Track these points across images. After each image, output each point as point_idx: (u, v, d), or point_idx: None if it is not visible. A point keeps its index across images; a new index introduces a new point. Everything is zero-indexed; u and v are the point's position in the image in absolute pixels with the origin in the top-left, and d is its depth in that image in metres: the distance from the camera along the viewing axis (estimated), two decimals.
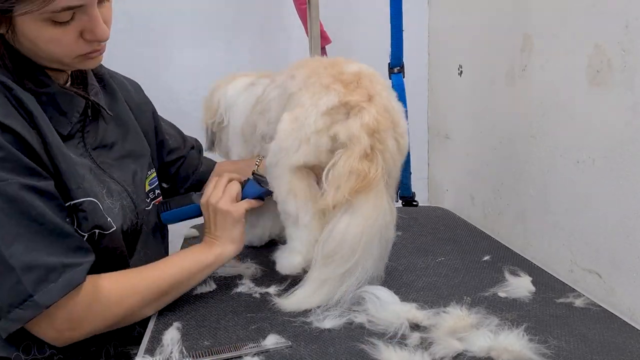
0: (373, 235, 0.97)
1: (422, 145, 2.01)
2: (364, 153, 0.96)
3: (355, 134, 0.96)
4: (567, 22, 1.18)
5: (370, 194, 0.96)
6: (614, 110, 1.05)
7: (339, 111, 0.99)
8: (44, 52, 0.89)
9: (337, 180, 0.96)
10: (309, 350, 0.85)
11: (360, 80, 1.01)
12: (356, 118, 0.97)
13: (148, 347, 0.88)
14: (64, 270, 0.84)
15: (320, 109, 0.98)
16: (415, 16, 1.92)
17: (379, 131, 0.98)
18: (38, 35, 0.86)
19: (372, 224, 0.96)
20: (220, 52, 1.85)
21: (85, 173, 0.96)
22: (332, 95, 0.99)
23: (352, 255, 0.95)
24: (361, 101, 0.98)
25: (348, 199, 0.95)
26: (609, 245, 1.09)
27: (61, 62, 0.92)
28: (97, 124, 1.04)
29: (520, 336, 0.83)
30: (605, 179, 1.09)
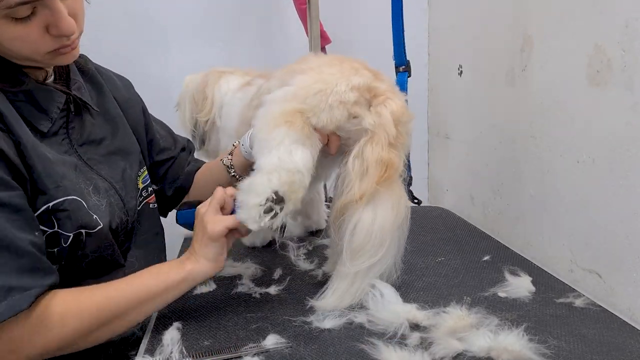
0: (398, 225, 0.96)
1: (422, 145, 2.02)
2: (389, 142, 0.96)
3: (384, 122, 0.95)
4: (567, 22, 1.18)
5: (394, 184, 0.96)
6: (614, 110, 1.05)
7: (365, 95, 0.97)
8: (10, 51, 0.85)
9: (364, 169, 0.94)
10: (309, 350, 0.85)
11: (377, 74, 1.01)
12: (384, 106, 0.96)
13: (148, 347, 0.88)
14: (8, 294, 0.77)
15: (353, 82, 0.96)
16: (415, 16, 1.92)
17: (402, 123, 0.97)
18: (1, 35, 0.82)
19: (397, 214, 0.96)
20: (220, 52, 1.85)
21: (66, 171, 0.92)
22: (363, 77, 0.97)
23: (381, 247, 0.94)
24: (388, 90, 0.98)
25: (376, 188, 0.94)
26: (609, 245, 1.09)
27: (32, 60, 0.88)
28: (81, 119, 1.00)
29: (520, 336, 0.83)
30: (605, 179, 1.09)
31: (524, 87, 1.36)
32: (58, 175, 0.89)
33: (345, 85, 0.95)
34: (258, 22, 1.87)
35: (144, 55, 1.80)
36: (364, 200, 0.94)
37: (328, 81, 0.96)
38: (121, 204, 1.02)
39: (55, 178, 0.88)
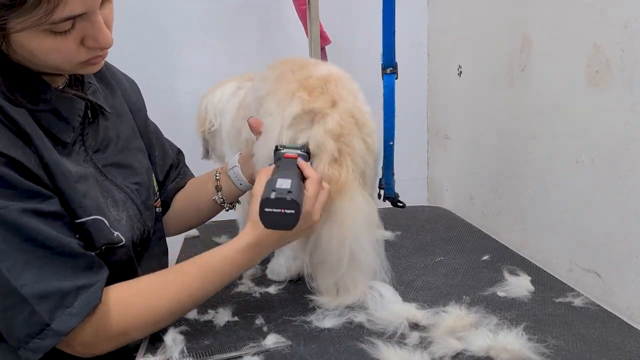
0: (356, 237, 0.97)
1: (422, 145, 2.02)
2: (332, 158, 0.98)
3: (320, 140, 0.98)
4: (566, 22, 1.18)
5: (345, 197, 0.98)
6: (614, 110, 1.06)
7: (304, 119, 1.00)
8: (42, 62, 0.83)
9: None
10: (309, 349, 0.85)
11: (326, 84, 1.03)
12: (319, 125, 0.99)
13: (149, 347, 0.88)
14: (78, 293, 0.81)
15: (286, 121, 1.00)
16: (415, 16, 1.92)
17: (343, 135, 1.00)
18: (37, 47, 0.80)
19: (351, 226, 0.97)
20: (221, 52, 1.85)
21: (87, 189, 0.90)
22: (296, 104, 1.00)
23: (341, 261, 0.97)
24: (324, 108, 1.00)
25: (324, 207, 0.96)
26: (609, 245, 1.09)
27: (60, 70, 0.87)
28: (96, 124, 0.99)
29: (519, 335, 0.83)
30: (605, 179, 1.09)
31: (524, 87, 1.36)
32: (80, 194, 0.88)
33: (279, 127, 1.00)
34: (258, 23, 1.87)
35: (143, 55, 1.80)
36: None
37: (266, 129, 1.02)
38: (138, 214, 1.01)
39: (78, 197, 0.87)
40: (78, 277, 0.82)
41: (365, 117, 1.05)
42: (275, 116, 1.01)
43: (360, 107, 1.05)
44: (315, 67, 1.07)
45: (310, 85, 1.02)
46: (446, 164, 1.91)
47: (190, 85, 1.80)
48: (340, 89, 1.04)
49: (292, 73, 1.05)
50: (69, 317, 0.79)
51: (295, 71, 1.05)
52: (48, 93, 0.88)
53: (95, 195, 0.91)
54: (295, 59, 1.13)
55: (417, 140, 2.00)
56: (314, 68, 1.06)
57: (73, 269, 0.82)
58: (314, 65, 1.08)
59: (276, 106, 1.02)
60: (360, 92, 1.08)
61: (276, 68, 1.10)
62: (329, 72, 1.06)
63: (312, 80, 1.03)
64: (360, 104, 1.05)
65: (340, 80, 1.06)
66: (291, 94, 1.02)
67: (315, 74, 1.05)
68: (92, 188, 0.91)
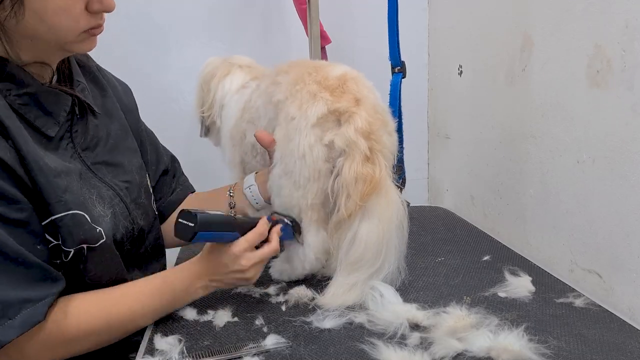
0: (392, 233, 0.99)
1: (422, 145, 2.01)
2: (364, 156, 0.99)
3: (352, 139, 0.98)
4: (567, 22, 1.18)
5: (380, 194, 0.99)
6: (614, 110, 1.05)
7: (329, 119, 1.00)
8: (50, 27, 0.84)
9: (346, 189, 0.98)
10: (309, 350, 0.85)
11: (345, 84, 1.03)
12: (349, 124, 0.99)
13: (148, 348, 0.88)
14: (22, 307, 0.79)
15: (310, 120, 1.00)
16: (415, 16, 1.92)
17: (373, 132, 1.00)
18: (48, 6, 0.82)
19: (390, 223, 0.99)
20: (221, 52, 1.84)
21: (69, 182, 0.89)
22: (320, 104, 1.00)
23: (377, 258, 0.98)
24: (350, 106, 1.00)
25: (361, 205, 0.98)
26: (609, 245, 1.09)
27: (63, 41, 0.88)
28: (85, 122, 0.98)
29: (520, 336, 0.83)
30: (605, 179, 1.09)
31: (524, 87, 1.36)
32: (60, 189, 0.87)
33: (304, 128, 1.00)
34: (258, 22, 1.87)
35: (143, 55, 1.80)
36: (354, 216, 0.98)
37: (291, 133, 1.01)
38: (126, 212, 1.00)
39: (57, 192, 0.86)
40: (27, 288, 0.80)
41: (387, 115, 1.06)
42: (299, 119, 1.00)
43: (381, 104, 1.06)
44: (331, 68, 1.07)
45: (330, 85, 1.02)
46: (446, 163, 1.91)
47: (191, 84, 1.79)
48: (361, 87, 1.04)
49: (309, 75, 1.04)
50: (8, 328, 0.78)
51: (312, 73, 1.05)
52: (32, 85, 0.89)
53: (77, 190, 0.90)
54: (306, 61, 1.14)
55: (417, 140, 1.99)
56: (329, 69, 1.06)
57: (24, 279, 0.80)
58: (329, 67, 1.07)
59: (298, 109, 1.01)
60: (375, 89, 1.09)
61: (289, 72, 1.08)
62: (344, 71, 1.06)
63: (330, 80, 1.03)
64: (380, 101, 1.06)
65: (358, 78, 1.06)
66: (312, 96, 1.01)
67: (332, 74, 1.04)
68: (74, 183, 0.90)
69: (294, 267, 1.09)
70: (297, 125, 1.00)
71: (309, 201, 1.02)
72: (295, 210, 1.04)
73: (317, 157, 1.00)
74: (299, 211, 1.04)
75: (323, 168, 1.01)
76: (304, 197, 1.02)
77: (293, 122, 1.01)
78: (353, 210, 0.98)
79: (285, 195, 1.04)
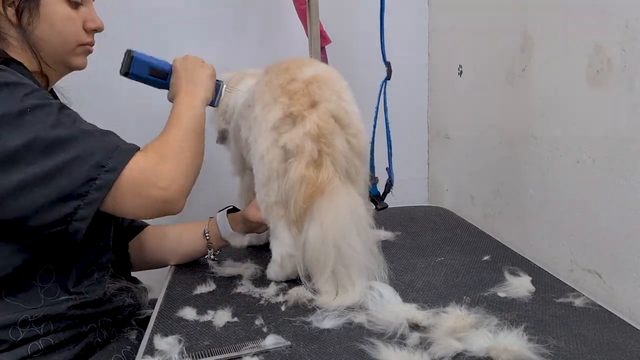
0: (340, 234, 0.98)
1: (422, 145, 2.01)
2: (311, 159, 1.00)
3: (298, 142, 1.01)
4: (567, 22, 1.18)
5: (324, 197, 0.99)
6: (614, 110, 1.05)
7: (286, 122, 1.03)
8: (59, 33, 1.01)
9: (292, 191, 1.00)
10: (309, 350, 0.85)
11: (308, 86, 1.05)
12: (298, 127, 1.02)
13: (148, 348, 0.88)
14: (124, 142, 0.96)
15: (269, 124, 1.04)
16: (415, 16, 1.92)
17: (324, 135, 1.01)
18: (59, 14, 1.01)
19: (332, 224, 0.98)
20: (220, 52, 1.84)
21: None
22: (277, 109, 1.04)
23: (326, 259, 0.98)
24: (302, 110, 1.02)
25: (305, 207, 0.99)
26: (609, 245, 1.09)
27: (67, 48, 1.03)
28: None
29: (519, 336, 0.83)
30: (605, 179, 1.09)
31: (524, 87, 1.36)
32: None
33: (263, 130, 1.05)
34: (258, 22, 1.87)
35: None
36: (302, 219, 1.00)
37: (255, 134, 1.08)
38: None
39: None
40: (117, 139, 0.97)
41: (350, 118, 1.06)
42: (261, 121, 1.06)
43: (345, 107, 1.06)
44: (302, 69, 1.08)
45: (292, 89, 1.05)
46: (446, 163, 1.91)
47: None
48: (324, 90, 1.05)
49: (276, 77, 1.08)
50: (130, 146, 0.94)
51: (280, 75, 1.08)
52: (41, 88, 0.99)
53: None
54: (286, 60, 1.14)
55: (417, 140, 1.99)
56: (299, 70, 1.08)
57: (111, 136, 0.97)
58: (300, 68, 1.09)
59: (261, 111, 1.06)
60: (347, 91, 1.09)
61: (268, 72, 1.12)
62: (314, 73, 1.08)
63: (294, 84, 1.05)
64: (344, 104, 1.06)
65: (324, 80, 1.07)
66: (274, 100, 1.05)
67: (300, 77, 1.06)
68: None
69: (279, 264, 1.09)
70: (259, 127, 1.06)
71: (273, 199, 1.05)
72: (263, 205, 1.08)
73: (272, 159, 1.03)
74: (265, 207, 1.07)
75: (280, 169, 1.03)
76: (267, 195, 1.06)
77: (256, 122, 1.07)
78: (300, 213, 1.00)
79: (257, 191, 1.10)
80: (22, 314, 0.92)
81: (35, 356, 0.93)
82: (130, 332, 1.09)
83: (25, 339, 0.92)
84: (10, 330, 0.91)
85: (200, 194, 1.32)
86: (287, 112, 1.03)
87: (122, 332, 1.09)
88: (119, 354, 1.04)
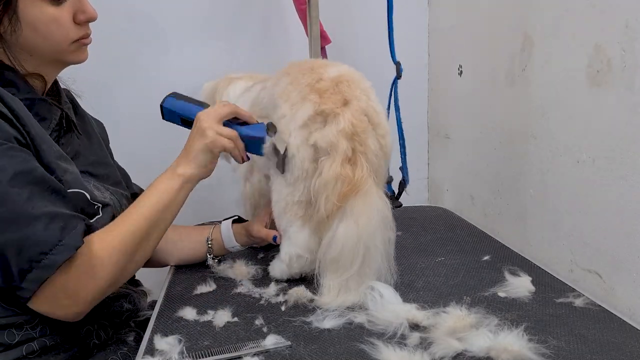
0: (371, 235, 0.98)
1: (422, 145, 2.01)
2: (345, 157, 0.99)
3: (332, 140, 1.00)
4: (567, 22, 1.18)
5: (358, 196, 0.99)
6: (614, 110, 1.05)
7: (316, 120, 1.02)
8: (44, 38, 0.94)
9: (325, 189, 0.99)
10: (309, 350, 0.85)
11: (337, 85, 1.04)
12: (332, 125, 1.01)
13: (148, 348, 0.88)
14: (77, 221, 0.89)
15: (298, 122, 1.02)
16: (415, 16, 1.92)
17: (357, 134, 1.01)
18: (40, 17, 0.93)
19: (367, 225, 0.98)
20: (221, 52, 1.85)
21: (68, 166, 0.96)
22: (307, 106, 1.02)
23: (355, 259, 0.97)
24: (335, 107, 1.01)
25: (339, 206, 0.98)
26: (609, 245, 1.09)
27: (58, 50, 0.97)
28: (70, 136, 1.05)
29: (519, 336, 0.83)
30: (605, 179, 1.09)
31: (524, 87, 1.36)
32: (61, 170, 0.93)
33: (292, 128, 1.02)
34: (258, 22, 1.87)
35: (143, 55, 1.80)
36: (333, 217, 0.99)
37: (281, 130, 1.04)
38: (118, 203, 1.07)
39: (58, 172, 0.93)
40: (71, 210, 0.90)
41: (380, 118, 1.06)
42: (289, 119, 1.03)
43: (374, 107, 1.06)
44: (326, 69, 1.07)
45: (321, 87, 1.03)
46: (446, 163, 1.91)
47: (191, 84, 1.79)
48: (353, 88, 1.04)
49: (302, 76, 1.06)
50: (76, 235, 0.87)
51: (306, 74, 1.06)
52: (31, 93, 0.97)
53: (77, 172, 0.97)
54: (306, 61, 1.15)
55: (418, 140, 1.99)
56: (324, 70, 1.07)
57: (66, 204, 0.90)
58: (325, 67, 1.08)
59: (289, 109, 1.04)
60: (372, 91, 1.09)
61: (289, 73, 1.10)
62: (339, 72, 1.07)
63: (323, 82, 1.04)
64: (373, 104, 1.06)
65: (352, 80, 1.06)
66: (302, 98, 1.03)
67: (326, 76, 1.05)
68: (73, 167, 0.97)
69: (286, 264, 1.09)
70: (287, 125, 1.03)
71: (296, 198, 1.05)
72: (281, 204, 1.07)
73: (303, 158, 1.02)
74: (285, 205, 1.06)
75: (310, 168, 1.02)
76: (292, 194, 1.05)
77: (284, 120, 1.04)
78: (332, 211, 0.99)
79: (278, 190, 1.08)
80: (19, 318, 0.92)
81: (31, 357, 0.93)
82: (128, 334, 1.09)
83: (20, 341, 0.92)
84: (6, 333, 0.91)
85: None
86: (319, 110, 1.01)
87: (119, 334, 1.08)
88: (115, 356, 1.03)
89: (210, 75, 1.50)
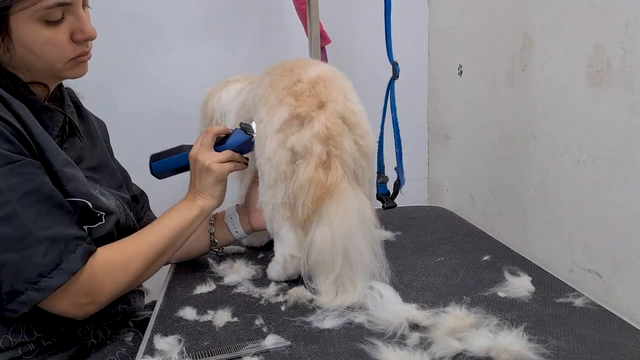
0: (347, 236, 0.98)
1: (422, 145, 2.01)
2: (319, 161, 1.00)
3: (307, 144, 1.00)
4: (567, 22, 1.18)
5: (332, 199, 0.99)
6: (614, 110, 1.05)
7: (292, 123, 1.03)
8: (39, 58, 0.92)
9: (300, 193, 1.00)
10: (309, 350, 0.85)
11: (314, 87, 1.04)
12: (306, 128, 1.01)
13: (148, 348, 0.88)
14: (77, 243, 0.90)
15: (274, 126, 1.03)
16: (415, 16, 1.92)
17: (332, 137, 1.01)
18: (35, 38, 0.90)
19: (341, 227, 0.98)
20: (221, 52, 1.85)
21: (74, 172, 0.96)
22: (283, 110, 1.03)
23: (334, 261, 0.98)
24: (310, 111, 1.02)
25: (314, 209, 0.99)
26: (609, 245, 1.09)
27: (54, 69, 0.95)
28: (73, 141, 1.05)
29: (519, 336, 0.83)
30: (605, 179, 1.09)
31: (524, 87, 1.36)
32: (69, 176, 0.94)
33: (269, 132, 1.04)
34: (258, 22, 1.87)
35: (143, 55, 1.80)
36: (310, 220, 1.00)
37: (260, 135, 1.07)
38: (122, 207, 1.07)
39: (67, 178, 0.94)
40: (76, 228, 0.92)
41: (358, 118, 1.06)
42: (266, 123, 1.05)
43: (352, 108, 1.06)
44: (306, 70, 1.08)
45: (297, 90, 1.04)
46: (446, 163, 1.91)
47: (191, 84, 1.80)
48: (330, 90, 1.05)
49: (281, 78, 1.07)
50: (74, 259, 0.89)
51: (285, 76, 1.07)
52: (34, 100, 0.96)
53: (83, 179, 0.98)
54: (289, 61, 1.14)
55: (417, 140, 1.99)
56: (303, 71, 1.08)
57: (71, 221, 0.92)
58: (305, 68, 1.09)
59: (266, 113, 1.05)
60: (352, 91, 1.09)
61: (271, 73, 1.11)
62: (318, 73, 1.07)
63: (300, 84, 1.05)
64: (351, 104, 1.06)
65: (330, 80, 1.06)
66: (279, 101, 1.04)
67: (305, 77, 1.06)
68: (79, 172, 0.98)
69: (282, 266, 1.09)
70: (264, 129, 1.05)
71: (279, 200, 1.05)
72: (269, 207, 1.08)
73: (280, 161, 1.03)
74: (271, 208, 1.07)
75: (288, 170, 1.03)
76: (274, 196, 1.06)
77: (261, 124, 1.06)
78: (308, 215, 1.00)
79: (262, 193, 1.09)
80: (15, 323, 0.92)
81: (27, 357, 0.93)
82: (126, 334, 1.09)
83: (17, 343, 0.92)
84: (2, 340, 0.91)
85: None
86: (294, 113, 1.02)
87: (117, 334, 1.08)
88: (113, 356, 1.03)
89: (210, 75, 1.50)
